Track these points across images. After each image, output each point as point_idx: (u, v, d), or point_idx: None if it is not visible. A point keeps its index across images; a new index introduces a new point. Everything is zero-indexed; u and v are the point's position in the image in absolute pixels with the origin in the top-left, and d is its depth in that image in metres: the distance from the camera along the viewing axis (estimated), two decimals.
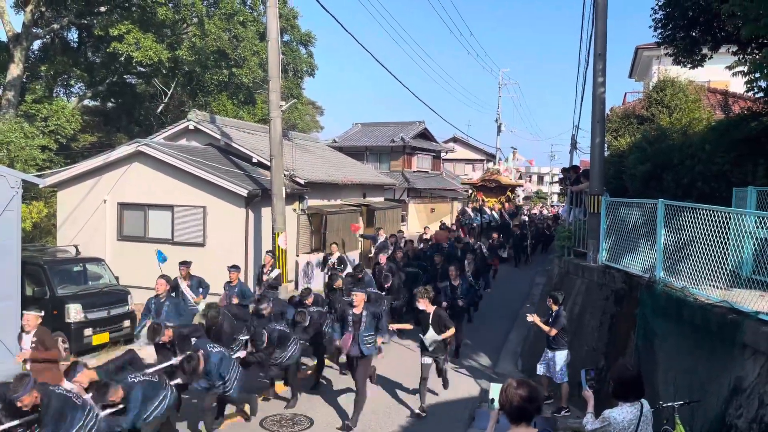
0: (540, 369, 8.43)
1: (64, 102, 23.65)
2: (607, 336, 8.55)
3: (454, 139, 44.36)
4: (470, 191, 28.96)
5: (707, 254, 6.07)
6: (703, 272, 6.16)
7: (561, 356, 8.18)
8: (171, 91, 25.69)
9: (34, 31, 22.93)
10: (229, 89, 26.21)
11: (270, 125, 13.42)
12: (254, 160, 16.35)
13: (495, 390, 3.48)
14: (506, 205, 26.78)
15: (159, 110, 26.84)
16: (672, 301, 6.47)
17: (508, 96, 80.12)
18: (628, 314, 7.92)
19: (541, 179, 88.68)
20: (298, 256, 16.33)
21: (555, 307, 8.20)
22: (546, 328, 8.17)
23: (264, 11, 14.63)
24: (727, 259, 5.85)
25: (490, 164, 35.81)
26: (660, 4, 10.32)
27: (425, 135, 34.16)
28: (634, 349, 7.36)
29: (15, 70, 21.91)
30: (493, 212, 24.76)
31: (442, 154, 37.59)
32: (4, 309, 8.96)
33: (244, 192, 13.91)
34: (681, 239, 6.74)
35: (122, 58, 22.68)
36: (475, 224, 23.41)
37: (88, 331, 10.60)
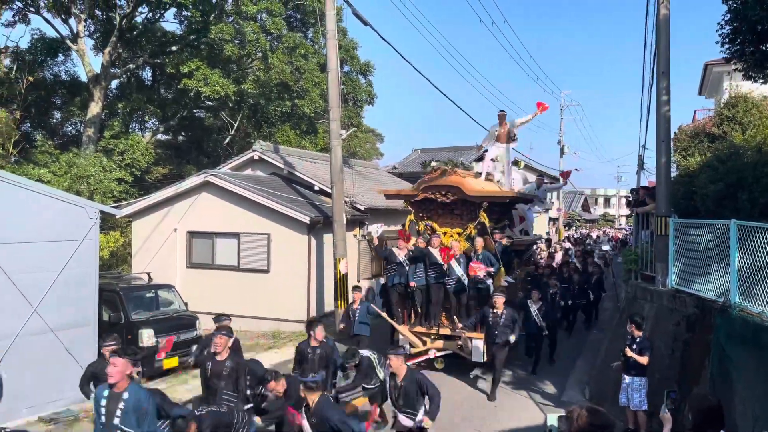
0: (622, 399, 8.01)
1: (139, 137, 25.02)
2: (680, 363, 8.15)
3: (515, 163, 43.82)
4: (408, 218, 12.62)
5: None
6: None
7: (641, 383, 7.84)
8: (237, 123, 26.70)
9: (112, 71, 24.48)
10: (291, 120, 26.99)
11: (331, 153, 13.73)
12: (316, 188, 16.72)
13: (552, 419, 3.38)
14: (483, 242, 11.01)
15: (226, 142, 27.91)
16: (749, 326, 6.13)
17: (570, 118, 78.78)
18: (701, 340, 7.54)
19: (607, 201, 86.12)
20: (359, 281, 16.47)
21: (638, 333, 7.84)
22: (641, 359, 7.69)
23: (324, 44, 15.06)
24: None
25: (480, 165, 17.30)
26: (726, 18, 9.98)
27: (484, 158, 33.85)
28: (708, 377, 6.98)
29: (95, 108, 23.42)
30: (454, 260, 11.06)
31: None
32: (83, 334, 9.44)
33: (306, 219, 14.23)
34: (757, 261, 6.40)
35: (192, 94, 23.82)
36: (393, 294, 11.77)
37: (159, 356, 10.99)
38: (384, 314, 11.24)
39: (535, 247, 22.83)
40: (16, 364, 8.41)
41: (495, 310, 9.92)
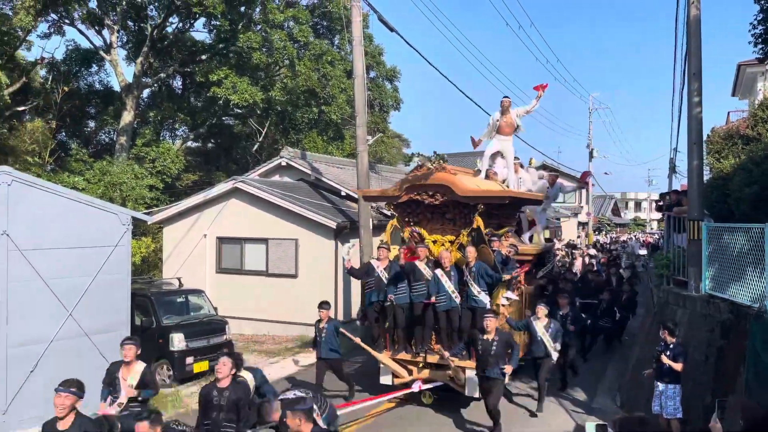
0: (655, 407, 7.83)
1: (170, 144, 25.48)
2: (714, 370, 7.96)
3: (543, 167, 43.39)
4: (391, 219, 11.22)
5: None
6: None
7: (674, 390, 7.67)
8: (265, 130, 27.01)
9: (144, 80, 25.01)
10: (318, 126, 27.20)
11: (357, 159, 13.81)
12: (343, 193, 16.81)
13: (591, 428, 3.35)
14: (475, 252, 9.32)
15: (254, 148, 28.25)
16: None
17: (599, 121, 77.26)
18: (736, 347, 7.36)
19: (638, 205, 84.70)
20: None
21: (672, 339, 7.67)
22: (676, 366, 7.51)
23: (350, 50, 15.18)
24: None
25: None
26: (758, 18, 9.78)
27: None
28: (743, 385, 6.81)
29: (127, 116, 23.95)
30: (443, 273, 9.32)
31: None
32: (116, 338, 9.62)
33: (333, 224, 14.32)
34: None
35: (221, 102, 24.18)
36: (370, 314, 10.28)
37: (189, 360, 11.16)
38: (356, 338, 9.76)
39: (557, 255, 20.54)
40: (53, 367, 8.61)
41: (485, 336, 8.26)
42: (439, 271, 9.24)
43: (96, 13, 23.99)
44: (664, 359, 7.57)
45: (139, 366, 7.08)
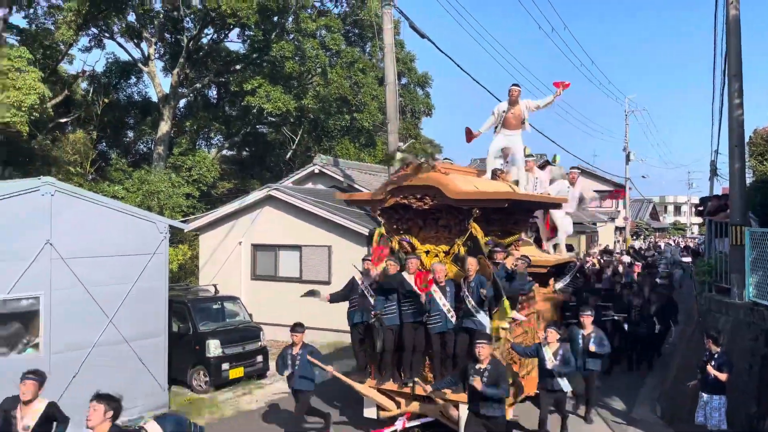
0: (699, 418, 7.60)
1: (206, 153, 25.97)
2: (758, 379, 7.69)
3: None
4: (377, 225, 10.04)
5: None
6: None
7: (720, 401, 7.41)
8: (298, 137, 27.29)
9: (180, 91, 25.57)
10: (351, 133, 27.36)
11: (389, 166, 13.84)
12: None
13: None
14: (476, 264, 7.96)
15: (287, 156, 28.56)
16: None
17: (636, 123, 75.83)
18: None
19: (678, 209, 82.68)
20: None
21: (716, 348, 7.45)
22: (722, 375, 7.26)
23: (382, 58, 15.25)
24: None
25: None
26: None
27: (545, 167, 33.26)
28: None
29: (164, 126, 24.51)
30: (437, 289, 8.08)
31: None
32: (154, 344, 9.83)
33: (365, 231, 14.35)
34: None
35: (255, 110, 24.54)
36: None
37: (225, 366, 11.30)
38: (328, 368, 8.21)
39: (585, 263, 18.68)
40: (94, 373, 8.82)
41: (478, 365, 6.82)
42: (432, 287, 7.96)
43: (134, 26, 24.67)
44: (710, 369, 7.33)
45: (40, 404, 6.18)
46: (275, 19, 24.43)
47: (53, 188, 8.64)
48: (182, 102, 27.94)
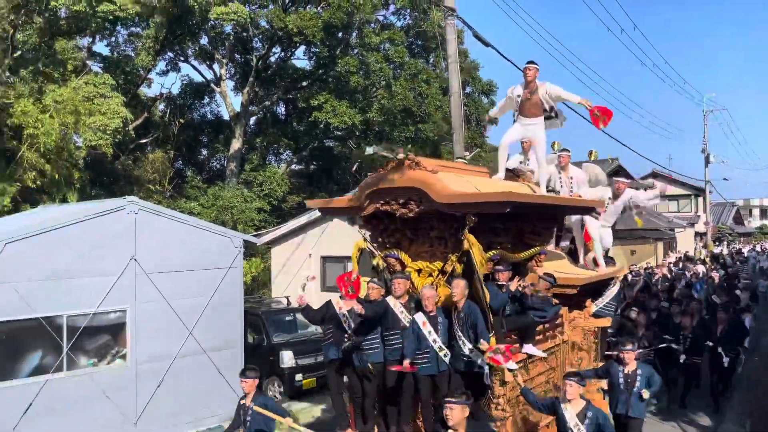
0: None
1: (275, 168, 26.74)
2: None
3: (654, 175, 41.00)
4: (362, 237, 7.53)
5: None
6: None
7: None
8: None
9: (251, 109, 26.48)
10: (415, 144, 27.42)
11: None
12: None
13: None
14: (464, 287, 6.19)
15: (353, 169, 28.95)
16: None
17: (716, 123, 71.91)
18: None
19: (764, 213, 77.88)
20: None
21: None
22: None
23: (446, 68, 15.25)
24: None
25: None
26: None
27: (619, 173, 32.21)
28: None
29: (236, 144, 25.42)
30: (427, 318, 6.36)
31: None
32: (231, 355, 10.16)
33: None
34: None
35: (321, 125, 25.06)
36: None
37: (298, 377, 11.52)
38: (287, 420, 6.37)
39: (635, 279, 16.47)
40: (175, 383, 9.23)
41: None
42: (420, 317, 6.28)
43: (207, 49, 25.80)
44: None
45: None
46: (339, 35, 24.93)
47: (137, 207, 9.14)
48: (252, 119, 28.90)
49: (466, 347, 6.08)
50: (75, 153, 17.31)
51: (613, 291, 8.88)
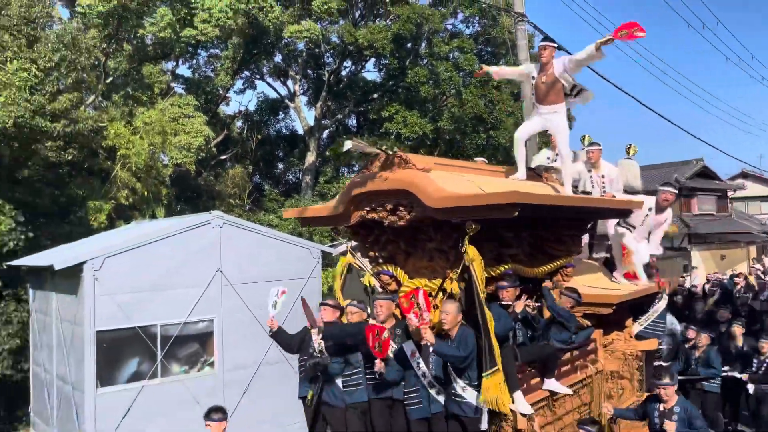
0: None
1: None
2: None
3: (744, 175, 38.72)
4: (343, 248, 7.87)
5: None
6: None
7: None
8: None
9: (323, 122, 27.15)
10: (487, 151, 27.16)
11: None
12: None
13: None
14: (456, 312, 5.23)
15: None
16: None
17: None
18: None
19: None
20: None
21: None
22: None
23: None
24: None
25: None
26: None
27: (705, 173, 30.63)
28: None
29: (310, 157, 26.11)
30: (412, 349, 5.43)
31: (729, 193, 33.11)
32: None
33: None
34: None
35: (393, 136, 25.31)
36: None
37: None
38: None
39: (734, 288, 13.33)
40: (259, 390, 9.59)
41: None
42: (409, 346, 5.31)
43: (281, 66, 26.71)
44: None
45: None
46: (409, 45, 25.17)
47: (221, 221, 9.61)
48: (325, 133, 29.59)
49: (459, 385, 5.07)
50: (162, 171, 18.32)
51: (659, 307, 7.71)
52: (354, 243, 6.49)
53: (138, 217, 17.14)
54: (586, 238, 7.67)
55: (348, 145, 5.37)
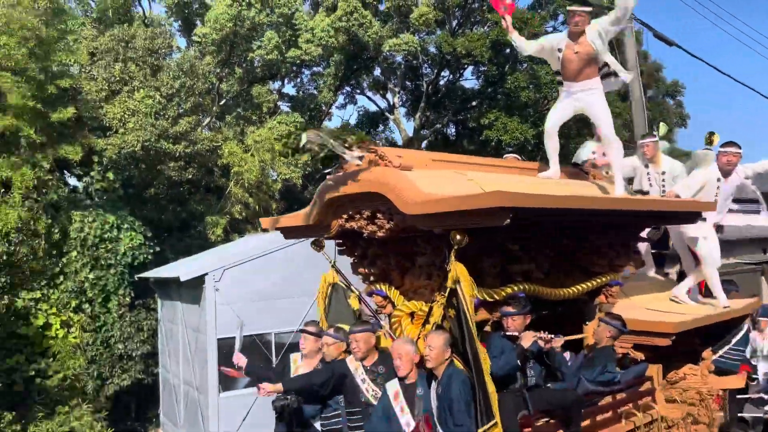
0: None
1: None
2: None
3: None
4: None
5: None
6: None
7: None
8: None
9: (423, 132, 27.38)
10: None
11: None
12: None
13: None
14: (443, 344, 4.06)
15: None
16: None
17: None
18: None
19: None
20: None
21: None
22: None
23: None
24: None
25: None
26: None
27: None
28: None
29: None
30: (402, 390, 4.30)
31: None
32: None
33: None
34: None
35: (493, 143, 25.03)
36: None
37: None
38: None
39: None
40: None
41: None
42: (392, 387, 4.28)
43: (380, 79, 27.28)
44: None
45: None
46: (507, 51, 24.83)
47: None
48: (424, 143, 29.78)
49: None
50: (272, 186, 19.27)
51: (740, 333, 6.23)
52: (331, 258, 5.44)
53: (251, 230, 18.11)
54: (644, 247, 6.40)
55: (304, 138, 4.46)
